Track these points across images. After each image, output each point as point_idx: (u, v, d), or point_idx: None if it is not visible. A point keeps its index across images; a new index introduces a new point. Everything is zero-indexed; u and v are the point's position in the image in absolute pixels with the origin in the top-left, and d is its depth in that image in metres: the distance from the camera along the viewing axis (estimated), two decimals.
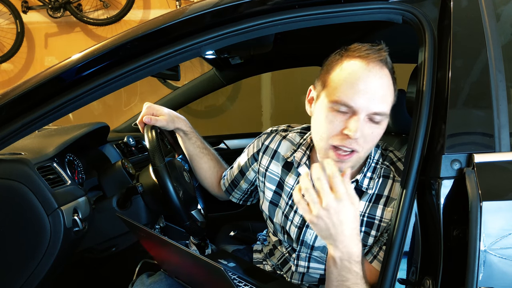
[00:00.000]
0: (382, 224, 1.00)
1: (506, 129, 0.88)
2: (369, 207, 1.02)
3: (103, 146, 1.70)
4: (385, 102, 0.93)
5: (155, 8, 3.76)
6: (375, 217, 1.01)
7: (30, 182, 1.07)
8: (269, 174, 1.18)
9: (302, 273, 1.14)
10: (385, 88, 0.93)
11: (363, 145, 0.94)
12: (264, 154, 1.21)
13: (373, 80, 0.91)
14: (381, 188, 1.02)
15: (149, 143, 1.25)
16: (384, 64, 0.94)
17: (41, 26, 3.84)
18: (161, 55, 0.97)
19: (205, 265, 0.87)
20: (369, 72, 0.92)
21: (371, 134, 0.94)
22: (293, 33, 1.05)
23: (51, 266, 1.10)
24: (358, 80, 0.91)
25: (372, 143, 0.96)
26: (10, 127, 0.98)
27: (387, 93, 0.94)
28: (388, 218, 1.00)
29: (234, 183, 1.35)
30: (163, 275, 1.14)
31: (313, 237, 1.08)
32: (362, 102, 0.90)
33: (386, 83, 0.94)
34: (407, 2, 0.98)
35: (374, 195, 1.02)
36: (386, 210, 1.01)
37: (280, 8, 0.98)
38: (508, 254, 0.80)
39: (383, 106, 0.93)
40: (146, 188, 1.33)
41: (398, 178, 1.01)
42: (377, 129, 0.95)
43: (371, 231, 1.02)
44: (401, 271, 0.88)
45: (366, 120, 0.92)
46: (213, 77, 2.22)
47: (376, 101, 0.91)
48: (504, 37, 0.95)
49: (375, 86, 0.91)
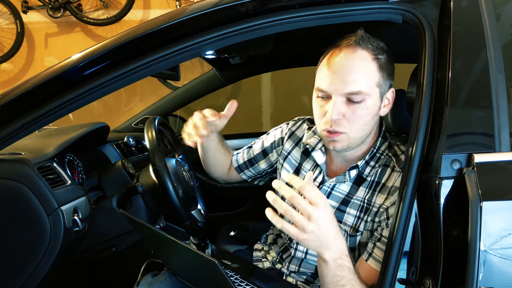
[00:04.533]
0: (373, 209, 1.04)
1: (506, 129, 0.88)
2: (368, 193, 1.06)
3: (103, 146, 1.70)
4: (357, 82, 0.96)
5: (155, 8, 3.76)
6: (371, 203, 1.05)
7: (30, 182, 1.07)
8: (290, 158, 1.24)
9: (300, 259, 1.15)
10: (358, 69, 0.97)
11: (348, 126, 0.99)
12: (289, 139, 1.26)
13: (342, 63, 0.97)
14: (380, 176, 1.06)
15: (149, 143, 1.25)
16: (358, 46, 0.98)
17: (41, 26, 3.84)
18: (161, 55, 0.97)
19: (201, 260, 0.88)
20: (337, 57, 0.98)
21: (352, 114, 0.98)
22: (293, 33, 1.05)
23: (51, 266, 1.10)
24: (329, 65, 0.99)
25: (358, 124, 0.99)
26: (10, 127, 0.98)
27: (360, 73, 0.97)
28: (379, 203, 1.03)
29: (251, 161, 1.36)
30: (167, 274, 1.14)
31: None
32: (332, 84, 0.97)
33: (359, 63, 0.97)
34: (407, 2, 0.97)
35: (374, 183, 1.06)
36: (380, 196, 1.04)
37: (280, 8, 0.98)
38: (508, 254, 0.80)
39: (356, 86, 0.96)
40: (146, 188, 1.33)
41: (397, 169, 1.04)
42: (359, 109, 0.98)
43: (364, 216, 1.05)
44: (401, 271, 0.88)
45: (344, 102, 0.98)
46: (213, 77, 2.22)
47: (347, 82, 0.96)
48: (504, 37, 0.95)
49: (344, 68, 0.97)
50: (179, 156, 1.63)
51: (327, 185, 1.11)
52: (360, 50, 0.98)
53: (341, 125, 0.99)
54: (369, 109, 0.99)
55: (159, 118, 1.38)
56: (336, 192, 1.10)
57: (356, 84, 0.96)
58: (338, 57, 0.99)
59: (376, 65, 0.99)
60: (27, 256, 1.08)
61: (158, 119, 1.37)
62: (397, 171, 1.04)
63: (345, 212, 1.07)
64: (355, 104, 0.98)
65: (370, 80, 0.98)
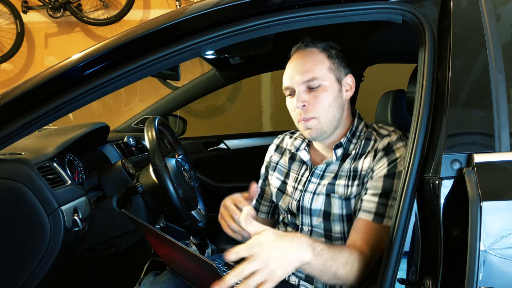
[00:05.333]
0: (362, 172, 1.11)
1: (506, 129, 0.88)
2: (352, 164, 1.14)
3: (103, 146, 1.70)
4: (310, 71, 1.11)
5: (155, 8, 3.76)
6: (357, 170, 1.12)
7: (30, 182, 1.07)
8: (279, 167, 1.32)
9: None
10: (309, 60, 1.13)
11: (314, 110, 1.11)
12: (275, 152, 1.35)
13: (296, 61, 1.15)
14: (364, 148, 1.15)
15: (149, 143, 1.25)
16: (306, 46, 1.15)
17: (41, 26, 3.84)
18: (161, 55, 0.97)
19: (199, 262, 0.88)
20: (292, 59, 1.17)
21: (315, 99, 1.11)
22: (293, 33, 1.05)
23: (51, 266, 1.10)
24: (287, 67, 1.17)
25: (323, 106, 1.11)
26: (10, 127, 0.98)
27: (311, 63, 1.12)
28: (366, 167, 1.11)
29: (260, 195, 1.37)
30: (170, 274, 1.15)
31: (309, 199, 1.16)
32: (291, 79, 1.13)
33: (309, 57, 1.14)
34: (407, 2, 0.98)
35: (358, 155, 1.15)
36: (365, 161, 1.12)
37: (280, 8, 0.98)
38: (508, 254, 0.80)
39: (309, 74, 1.11)
40: (146, 188, 1.33)
41: (378, 139, 1.14)
42: (320, 93, 1.11)
43: (354, 182, 1.12)
44: (401, 271, 0.88)
45: (305, 91, 1.12)
46: (213, 77, 2.22)
47: (302, 72, 1.11)
48: (504, 37, 0.95)
49: (298, 64, 1.13)
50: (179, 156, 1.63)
51: (319, 168, 1.18)
52: (309, 48, 1.15)
53: (309, 111, 1.11)
54: (328, 92, 1.11)
55: (159, 118, 1.38)
56: (327, 173, 1.17)
57: (310, 73, 1.11)
58: (293, 59, 1.17)
59: (325, 55, 1.14)
60: (27, 256, 1.08)
61: (158, 119, 1.37)
62: (379, 140, 1.13)
63: (335, 184, 1.14)
64: (315, 90, 1.11)
65: (321, 67, 1.12)
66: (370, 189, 1.06)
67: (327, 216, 1.13)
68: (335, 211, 1.12)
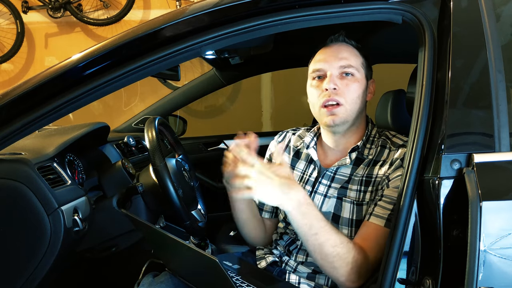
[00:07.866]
0: (377, 179, 1.11)
1: (506, 129, 0.88)
2: (367, 170, 1.14)
3: (103, 146, 1.70)
4: (347, 58, 1.13)
5: (155, 8, 3.76)
6: (371, 176, 1.13)
7: (30, 182, 1.07)
8: None
9: (306, 251, 1.16)
10: (345, 50, 1.15)
11: (344, 96, 1.11)
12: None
13: (333, 48, 1.17)
14: (379, 155, 1.15)
15: (149, 143, 1.25)
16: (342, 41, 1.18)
17: (41, 26, 3.84)
18: (161, 55, 0.97)
19: (201, 258, 0.88)
20: (328, 46, 1.19)
21: (346, 87, 1.12)
22: (293, 33, 1.05)
23: (51, 266, 1.10)
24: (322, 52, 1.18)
25: (352, 95, 1.12)
26: (10, 127, 0.98)
27: (347, 52, 1.15)
28: (382, 174, 1.11)
29: None
30: (169, 275, 1.14)
31: (320, 202, 1.16)
32: (327, 62, 1.14)
33: (345, 48, 1.17)
34: (407, 2, 0.98)
35: (372, 161, 1.15)
36: (381, 169, 1.12)
37: (280, 8, 0.98)
38: (508, 254, 0.80)
39: (345, 61, 1.13)
40: (146, 188, 1.33)
41: (394, 148, 1.14)
42: (352, 82, 1.13)
43: (368, 188, 1.12)
44: (401, 271, 0.88)
45: (338, 76, 1.13)
46: (213, 77, 2.22)
47: (339, 58, 1.13)
48: (504, 37, 0.95)
49: (335, 51, 1.15)
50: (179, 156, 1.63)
51: (331, 170, 1.18)
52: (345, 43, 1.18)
53: (338, 94, 1.11)
54: (360, 83, 1.14)
55: (159, 118, 1.38)
56: (338, 176, 1.17)
57: (346, 60, 1.13)
58: (329, 46, 1.18)
59: (358, 51, 1.17)
60: (27, 256, 1.08)
61: (158, 119, 1.37)
62: (395, 149, 1.13)
63: (347, 188, 1.14)
64: (348, 77, 1.12)
65: (357, 59, 1.15)
66: (385, 197, 1.06)
67: (336, 220, 1.13)
68: (345, 215, 1.12)
